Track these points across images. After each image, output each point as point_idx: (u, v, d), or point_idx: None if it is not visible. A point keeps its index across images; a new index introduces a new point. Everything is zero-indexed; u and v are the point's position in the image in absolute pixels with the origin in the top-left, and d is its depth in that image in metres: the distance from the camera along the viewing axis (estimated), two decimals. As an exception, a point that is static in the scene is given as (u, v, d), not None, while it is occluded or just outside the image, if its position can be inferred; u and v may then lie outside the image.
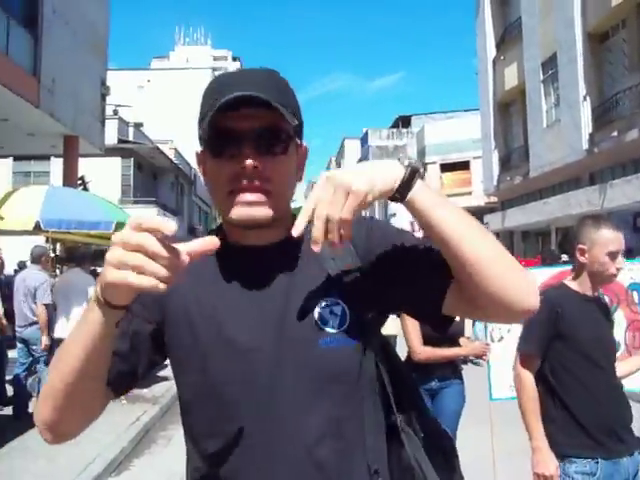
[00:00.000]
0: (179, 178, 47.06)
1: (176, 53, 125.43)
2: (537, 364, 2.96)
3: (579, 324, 2.86)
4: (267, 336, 1.30)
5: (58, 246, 11.07)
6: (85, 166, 22.60)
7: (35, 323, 7.95)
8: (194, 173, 52.88)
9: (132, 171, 37.76)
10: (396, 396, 1.42)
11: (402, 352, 2.45)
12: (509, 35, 26.12)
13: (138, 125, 42.81)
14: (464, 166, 41.11)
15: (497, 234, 26.44)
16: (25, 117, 17.41)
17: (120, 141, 35.78)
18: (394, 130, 62.44)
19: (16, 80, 15.60)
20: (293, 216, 1.31)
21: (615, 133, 17.60)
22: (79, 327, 1.16)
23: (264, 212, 1.31)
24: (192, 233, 49.69)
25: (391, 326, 6.46)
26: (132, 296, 1.05)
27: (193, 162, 52.00)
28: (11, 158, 30.65)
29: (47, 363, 7.84)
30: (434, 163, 43.49)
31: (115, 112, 34.77)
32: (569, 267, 3.33)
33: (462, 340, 4.57)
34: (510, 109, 27.29)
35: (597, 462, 2.76)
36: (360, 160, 68.02)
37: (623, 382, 3.18)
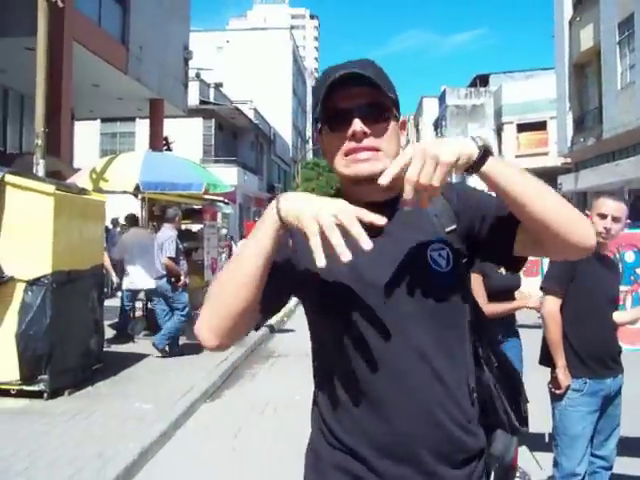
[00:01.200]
0: (259, 137, 47.60)
1: (254, 12, 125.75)
2: (559, 300, 3.67)
3: (587, 274, 3.61)
4: (389, 274, 1.56)
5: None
6: (168, 127, 23.46)
7: (163, 277, 9.03)
8: (273, 132, 53.58)
9: (213, 131, 38.62)
10: (479, 330, 1.72)
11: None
12: (586, -5, 25.71)
13: (218, 85, 43.42)
14: (541, 126, 40.42)
15: (570, 195, 26.49)
16: (114, 83, 18.40)
17: (202, 102, 36.43)
18: (472, 89, 61.15)
19: (107, 49, 16.64)
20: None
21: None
22: (252, 243, 1.45)
23: (377, 166, 1.53)
24: (271, 191, 50.83)
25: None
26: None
27: (272, 121, 52.81)
28: (99, 120, 31.63)
29: (181, 310, 9.11)
30: (511, 123, 42.97)
31: (197, 75, 35.56)
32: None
33: (518, 294, 4.85)
34: (585, 70, 26.98)
35: (585, 382, 3.58)
36: (438, 119, 67.45)
37: (625, 345, 3.96)
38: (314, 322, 1.69)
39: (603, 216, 3.54)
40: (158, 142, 22.20)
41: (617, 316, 3.75)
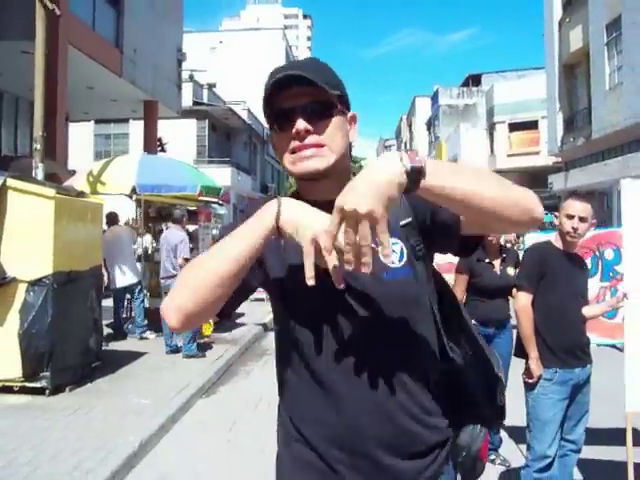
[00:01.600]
0: (252, 138, 47.79)
1: (247, 12, 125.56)
2: (530, 296, 3.95)
3: (556, 272, 3.89)
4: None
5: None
6: (162, 128, 23.75)
7: (174, 276, 9.22)
8: (266, 132, 53.69)
9: (207, 132, 38.86)
10: (445, 320, 1.72)
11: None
12: (575, -4, 26.02)
13: (211, 86, 43.58)
14: (532, 126, 40.67)
15: (559, 195, 26.76)
16: (109, 85, 18.59)
17: (195, 103, 36.67)
18: (464, 89, 61.48)
19: (101, 52, 16.83)
20: (353, 174, 1.61)
21: (674, 97, 17.84)
22: (242, 243, 1.47)
23: (322, 162, 1.58)
24: (265, 191, 51.00)
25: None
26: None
27: (265, 122, 52.93)
28: (92, 121, 31.68)
29: None
30: (503, 122, 43.25)
31: (191, 77, 35.79)
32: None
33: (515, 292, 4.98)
34: (575, 71, 27.28)
35: (555, 372, 3.84)
36: (430, 118, 67.70)
37: (595, 338, 4.23)
38: (275, 311, 1.74)
39: (570, 217, 3.80)
40: (152, 143, 22.41)
41: (587, 310, 4.01)
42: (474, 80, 60.67)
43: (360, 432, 1.57)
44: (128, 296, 11.01)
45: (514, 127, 42.34)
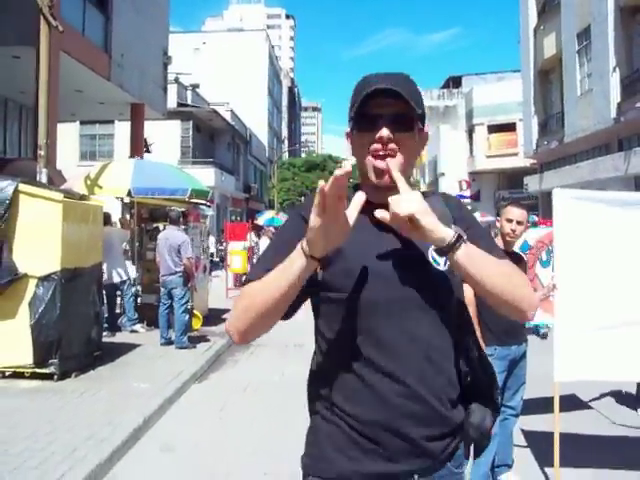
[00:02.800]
0: (235, 138, 48.30)
1: (230, 12, 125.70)
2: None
3: None
4: (395, 268, 1.75)
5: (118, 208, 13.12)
6: (147, 129, 24.01)
7: (175, 273, 9.98)
8: (249, 133, 54.15)
9: (191, 133, 39.30)
10: (464, 327, 1.95)
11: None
12: (549, 5, 27.05)
13: (194, 86, 43.93)
14: (511, 128, 41.45)
15: (536, 196, 27.69)
16: (97, 88, 18.99)
17: (179, 105, 37.06)
18: (445, 90, 62.12)
19: (91, 57, 17.24)
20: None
21: (639, 104, 18.71)
22: (284, 271, 1.61)
23: (393, 168, 1.70)
24: (248, 191, 51.55)
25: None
26: (324, 251, 1.55)
27: (248, 122, 53.43)
28: (78, 122, 31.88)
29: (185, 305, 10.06)
30: (482, 124, 44.08)
31: (176, 79, 36.20)
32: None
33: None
34: (549, 76, 28.26)
35: (495, 349, 4.60)
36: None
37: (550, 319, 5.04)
38: (322, 308, 1.85)
39: (509, 220, 4.60)
40: (139, 145, 22.80)
41: None
42: (455, 82, 61.30)
43: (398, 412, 1.73)
44: (119, 292, 11.65)
45: (493, 129, 43.17)
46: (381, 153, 1.73)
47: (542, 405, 6.07)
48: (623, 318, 4.63)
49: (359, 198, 1.54)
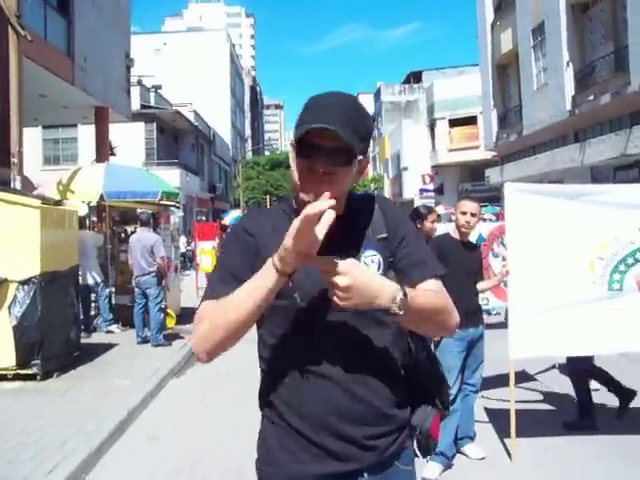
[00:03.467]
0: (199, 139, 48.52)
1: (189, 11, 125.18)
2: None
3: (452, 255, 5.06)
4: None
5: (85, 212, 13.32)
6: (111, 132, 23.74)
7: (149, 273, 10.26)
8: (213, 133, 54.25)
9: (155, 135, 39.47)
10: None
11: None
12: (505, 2, 27.62)
13: (157, 87, 43.95)
14: (472, 121, 42.08)
15: (497, 187, 28.31)
16: (61, 93, 18.95)
17: (143, 107, 37.22)
18: (406, 86, 62.78)
19: (53, 61, 17.19)
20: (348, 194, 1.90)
21: (592, 97, 19.39)
22: (256, 289, 1.65)
23: (320, 206, 1.55)
24: (213, 191, 51.69)
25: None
26: (295, 267, 1.60)
27: (211, 122, 53.53)
28: (40, 126, 31.64)
29: (160, 304, 10.36)
30: (443, 119, 44.75)
31: (139, 82, 36.18)
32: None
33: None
34: (507, 71, 28.86)
35: (456, 331, 5.02)
36: (373, 115, 68.97)
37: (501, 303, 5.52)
38: (265, 316, 1.85)
39: (464, 213, 5.04)
40: (104, 148, 22.84)
41: (482, 284, 5.29)
42: (415, 77, 61.93)
43: (338, 413, 1.80)
44: (93, 295, 11.88)
45: (454, 123, 43.82)
46: (316, 182, 1.73)
47: (500, 383, 6.53)
48: (570, 299, 5.10)
49: (329, 216, 1.53)
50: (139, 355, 9.42)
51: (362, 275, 1.59)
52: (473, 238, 5.82)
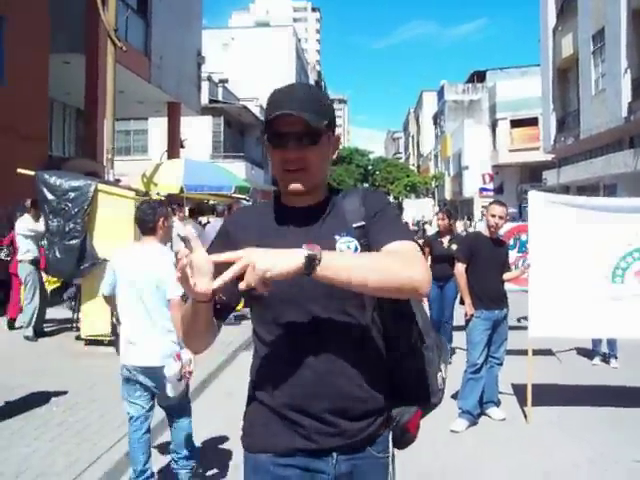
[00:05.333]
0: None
1: (256, 5, 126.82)
2: (464, 264, 6.30)
3: (482, 250, 6.16)
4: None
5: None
6: (180, 126, 25.42)
7: None
8: (277, 128, 55.43)
9: (222, 128, 40.74)
10: (393, 314, 2.02)
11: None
12: (567, 6, 28.02)
13: (223, 81, 45.20)
14: (533, 122, 42.36)
15: (553, 189, 28.80)
16: (138, 89, 20.46)
17: (211, 101, 38.34)
18: (469, 85, 62.94)
19: (133, 61, 18.52)
20: (328, 184, 2.07)
21: (647, 104, 19.86)
22: (190, 306, 1.83)
23: (305, 184, 1.91)
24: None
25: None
26: (208, 297, 1.71)
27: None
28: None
29: None
30: (504, 119, 45.13)
31: (209, 78, 37.43)
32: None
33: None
34: (567, 75, 29.25)
35: (482, 312, 6.14)
36: (437, 113, 69.34)
37: (519, 287, 6.54)
38: (252, 306, 2.03)
39: (493, 215, 6.12)
40: (175, 142, 24.22)
41: (507, 275, 6.38)
42: (479, 76, 62.08)
43: (314, 397, 1.90)
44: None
45: (515, 123, 44.39)
46: (292, 168, 1.89)
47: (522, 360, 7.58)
48: (584, 292, 6.08)
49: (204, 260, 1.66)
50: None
51: (257, 250, 1.62)
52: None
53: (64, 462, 4.90)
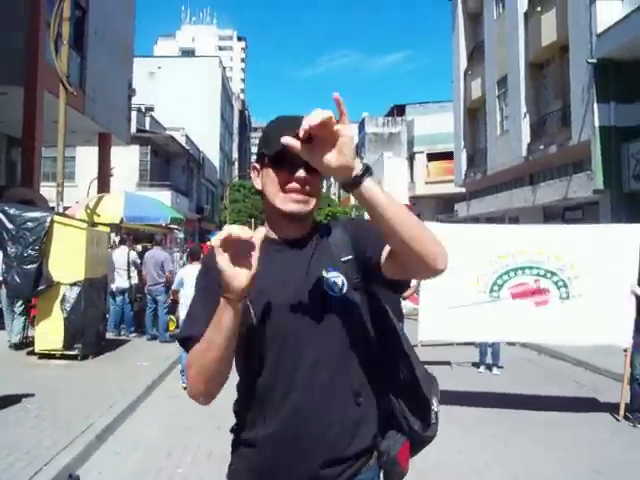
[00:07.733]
0: (189, 162, 50.62)
1: (182, 32, 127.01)
2: None
3: None
4: (295, 297, 1.85)
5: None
6: (110, 155, 25.71)
7: (159, 283, 12.76)
8: (202, 156, 56.18)
9: (149, 157, 41.42)
10: (384, 345, 2.00)
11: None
12: (476, 53, 30.44)
13: (149, 109, 45.65)
14: (448, 156, 44.04)
15: (464, 219, 30.92)
16: (71, 120, 20.29)
17: (138, 130, 38.97)
18: (389, 118, 64.74)
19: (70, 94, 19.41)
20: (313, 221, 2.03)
21: (542, 146, 22.05)
22: (217, 324, 1.69)
23: (307, 207, 1.89)
24: (201, 212, 53.63)
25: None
26: (240, 292, 1.63)
27: (201, 146, 55.26)
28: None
29: (167, 309, 12.71)
30: (422, 152, 47.07)
31: (139, 110, 38.17)
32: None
33: None
34: (477, 115, 31.49)
35: None
36: (357, 145, 71.14)
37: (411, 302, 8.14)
38: (241, 332, 1.81)
39: None
40: (106, 171, 24.88)
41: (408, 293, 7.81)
42: (399, 110, 64.06)
43: (306, 456, 1.84)
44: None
45: (432, 157, 46.25)
46: (300, 190, 1.87)
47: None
48: (467, 300, 7.63)
49: (259, 236, 1.62)
50: (151, 347, 11.85)
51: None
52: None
53: (48, 442, 6.06)
